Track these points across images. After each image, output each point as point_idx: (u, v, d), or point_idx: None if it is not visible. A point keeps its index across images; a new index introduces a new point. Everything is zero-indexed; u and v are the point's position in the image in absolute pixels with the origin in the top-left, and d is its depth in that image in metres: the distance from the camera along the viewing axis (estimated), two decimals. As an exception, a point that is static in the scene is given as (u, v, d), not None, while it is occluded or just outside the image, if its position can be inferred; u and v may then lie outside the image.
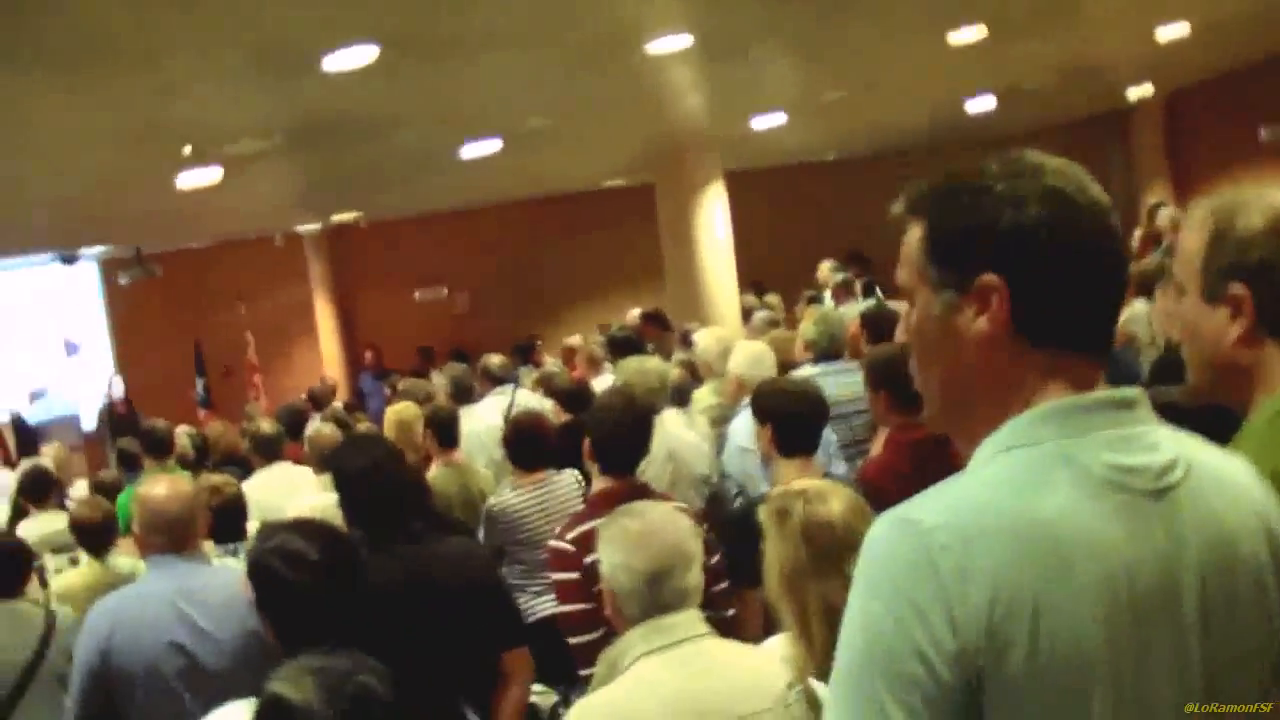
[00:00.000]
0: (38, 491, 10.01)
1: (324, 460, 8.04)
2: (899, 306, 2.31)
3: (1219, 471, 1.92)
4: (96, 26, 6.65)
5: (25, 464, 13.57)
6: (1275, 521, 1.93)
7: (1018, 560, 1.74)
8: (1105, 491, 1.81)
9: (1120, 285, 1.94)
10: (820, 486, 3.75)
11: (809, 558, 3.57)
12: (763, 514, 3.72)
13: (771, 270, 19.96)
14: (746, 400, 7.93)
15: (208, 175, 11.37)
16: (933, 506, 1.81)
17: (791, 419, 5.49)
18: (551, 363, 14.81)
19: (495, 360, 11.32)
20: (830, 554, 3.45)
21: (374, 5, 7.15)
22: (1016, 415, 1.88)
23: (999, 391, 1.91)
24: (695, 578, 3.80)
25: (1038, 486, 1.80)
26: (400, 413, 9.02)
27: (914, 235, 2.00)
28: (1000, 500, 1.79)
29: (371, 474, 4.97)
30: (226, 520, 6.60)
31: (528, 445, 7.30)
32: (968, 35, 11.67)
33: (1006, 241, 1.87)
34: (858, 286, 17.06)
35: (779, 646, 3.73)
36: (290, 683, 2.81)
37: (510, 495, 7.21)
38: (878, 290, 16.13)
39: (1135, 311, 10.03)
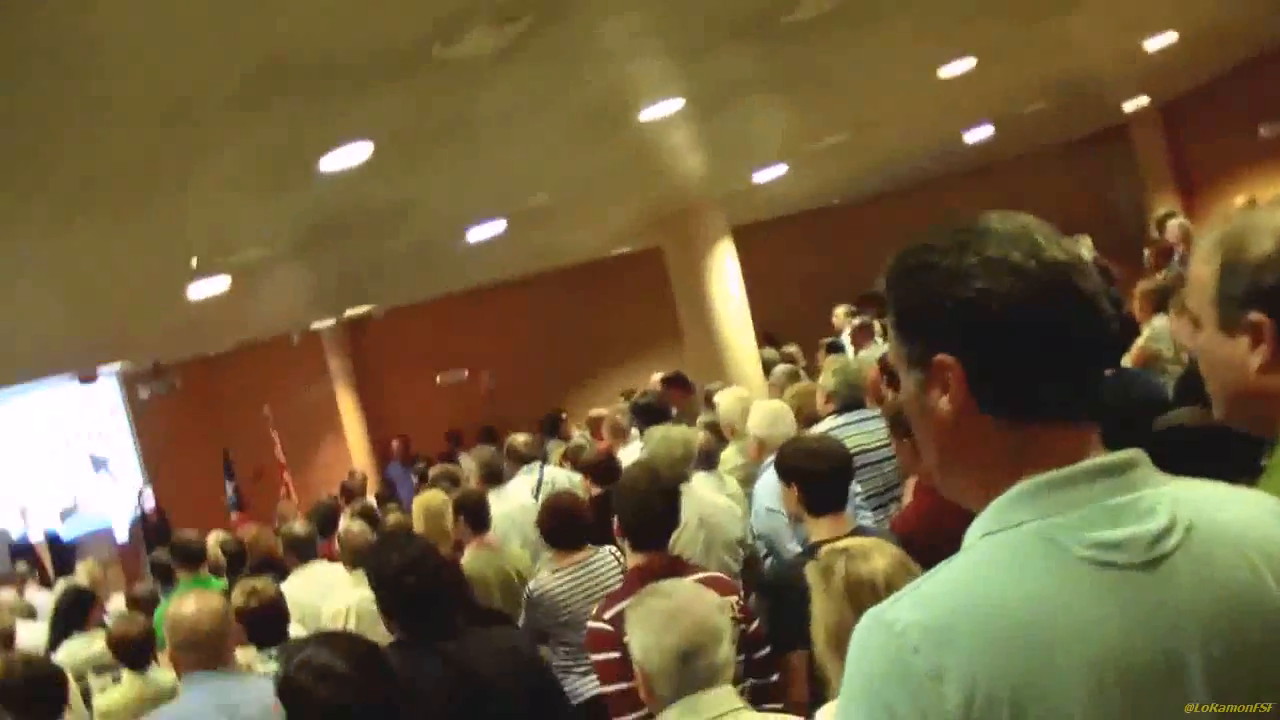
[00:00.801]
0: (77, 613, 10.00)
1: (356, 559, 8.04)
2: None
3: (1227, 523, 1.83)
4: (97, 155, 6.69)
5: (62, 584, 13.58)
6: None
7: (993, 654, 1.69)
8: (1088, 571, 1.74)
9: (1096, 344, 1.86)
10: (863, 544, 3.75)
11: (853, 615, 3.54)
12: (809, 572, 3.71)
13: (788, 320, 19.94)
14: (769, 460, 7.93)
15: (216, 285, 11.41)
16: (907, 605, 1.77)
17: (817, 478, 5.45)
18: (579, 435, 14.78)
19: (520, 439, 11.31)
20: (874, 611, 3.43)
21: (366, 104, 7.18)
22: (998, 496, 1.83)
23: (978, 471, 1.88)
24: (726, 653, 3.80)
25: (1015, 573, 1.75)
26: (428, 501, 8.99)
27: (889, 312, 1.98)
28: (976, 592, 1.75)
29: (408, 571, 4.93)
30: (267, 623, 6.57)
31: (563, 526, 7.25)
32: (958, 68, 11.69)
33: (954, 320, 1.83)
34: (877, 327, 17.03)
35: (829, 712, 3.72)
36: None
37: (549, 578, 7.17)
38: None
39: (1156, 329, 9.96)
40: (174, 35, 5.18)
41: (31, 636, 11.05)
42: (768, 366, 14.89)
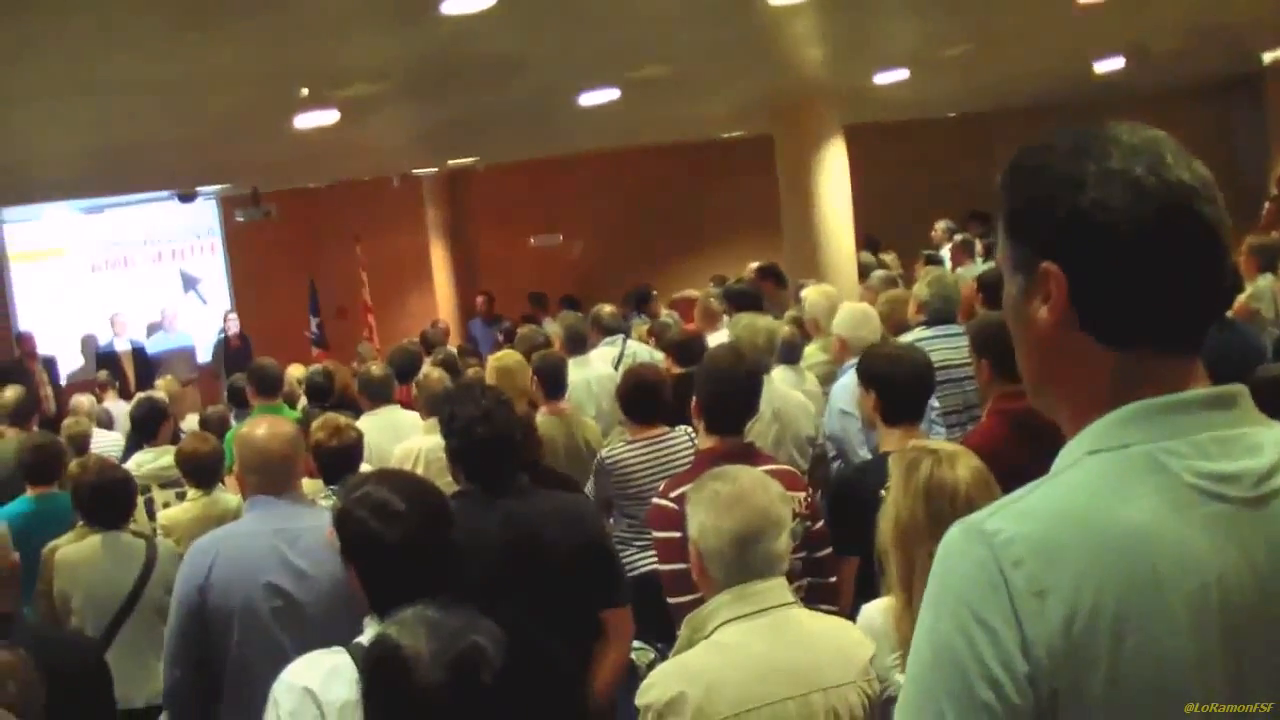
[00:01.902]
0: (149, 426, 10.11)
1: (432, 405, 8.03)
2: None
3: None
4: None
5: (139, 397, 13.75)
6: None
7: (1098, 575, 1.64)
8: (1196, 500, 1.68)
9: (1212, 274, 1.77)
10: (953, 450, 3.72)
11: (926, 516, 3.59)
12: (892, 464, 3.68)
13: (888, 227, 19.75)
14: (850, 362, 7.86)
15: (324, 118, 11.39)
16: (1010, 515, 1.70)
17: (897, 387, 5.37)
18: (666, 314, 14.76)
19: (606, 310, 11.32)
20: (946, 517, 3.36)
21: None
22: (1100, 415, 1.76)
23: (1072, 389, 1.81)
24: (783, 545, 3.77)
25: (1122, 494, 1.69)
26: (503, 359, 8.94)
27: (1001, 211, 1.90)
28: (1081, 509, 1.69)
29: (480, 422, 4.91)
30: (342, 462, 6.60)
31: (643, 399, 7.22)
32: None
33: (1063, 228, 1.76)
34: (979, 247, 16.87)
35: (879, 606, 3.71)
36: (405, 630, 2.78)
37: (623, 448, 7.16)
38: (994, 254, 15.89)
39: (1259, 288, 9.79)
40: None
41: (104, 445, 11.20)
42: (863, 270, 14.81)
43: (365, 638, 3.48)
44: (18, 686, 2.59)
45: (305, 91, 10.34)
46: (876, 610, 3.79)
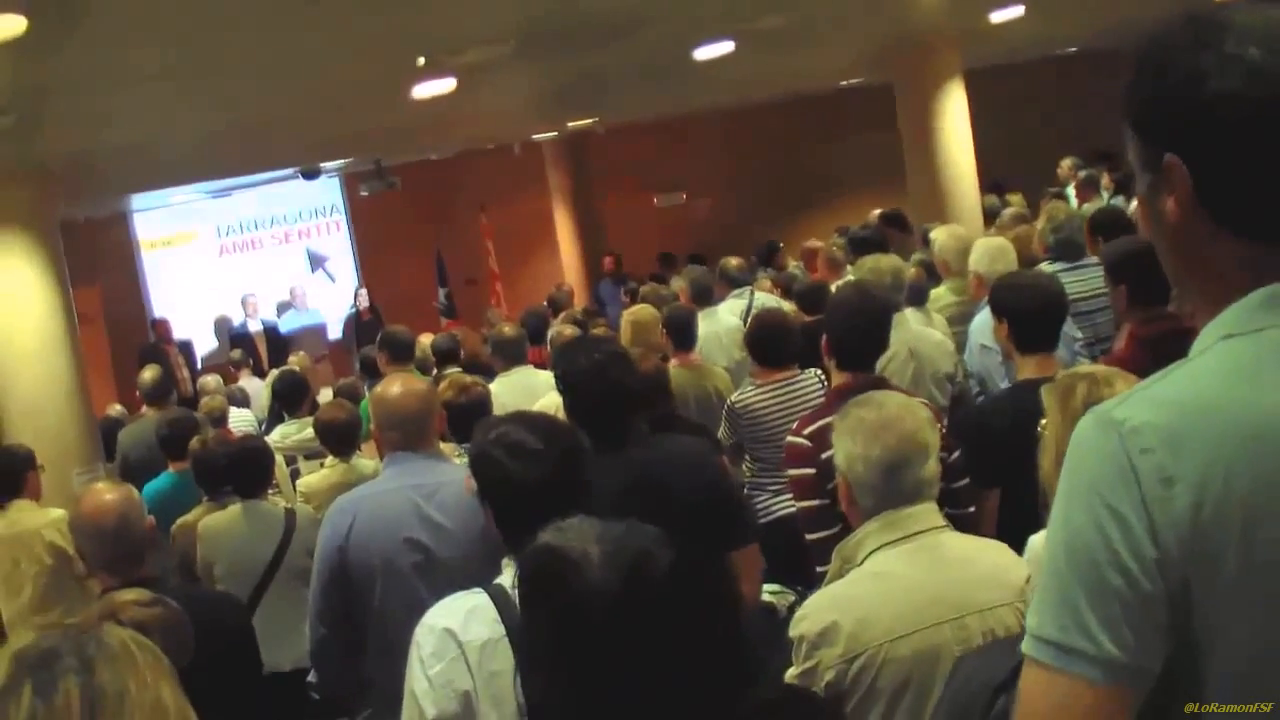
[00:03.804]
0: (293, 397, 10.28)
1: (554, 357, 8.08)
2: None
3: None
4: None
5: (275, 373, 13.96)
6: None
7: (1229, 462, 1.60)
8: None
9: None
10: (1106, 372, 3.64)
11: None
12: (1045, 394, 3.62)
13: (1013, 170, 19.51)
14: (987, 298, 7.78)
15: (442, 86, 11.44)
16: (1139, 403, 1.68)
17: (1028, 315, 5.32)
18: (793, 266, 14.71)
19: (733, 263, 11.34)
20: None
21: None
22: (1230, 304, 1.73)
23: (1207, 279, 1.78)
24: (932, 469, 3.73)
25: (1255, 379, 1.66)
26: (636, 314, 9.05)
27: (1126, 112, 1.87)
28: (1212, 395, 1.66)
29: (595, 375, 4.90)
30: (470, 419, 6.61)
31: (771, 343, 7.22)
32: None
33: (1181, 121, 1.72)
34: (1105, 181, 16.60)
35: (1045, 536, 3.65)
36: (569, 534, 2.71)
37: (752, 392, 7.16)
38: (1128, 191, 15.62)
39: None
40: None
41: (239, 421, 11.40)
42: (989, 214, 14.65)
43: (505, 578, 3.51)
44: (164, 639, 2.61)
45: (422, 60, 10.39)
46: (1043, 541, 3.70)
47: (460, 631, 3.40)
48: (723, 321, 9.99)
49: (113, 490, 4.73)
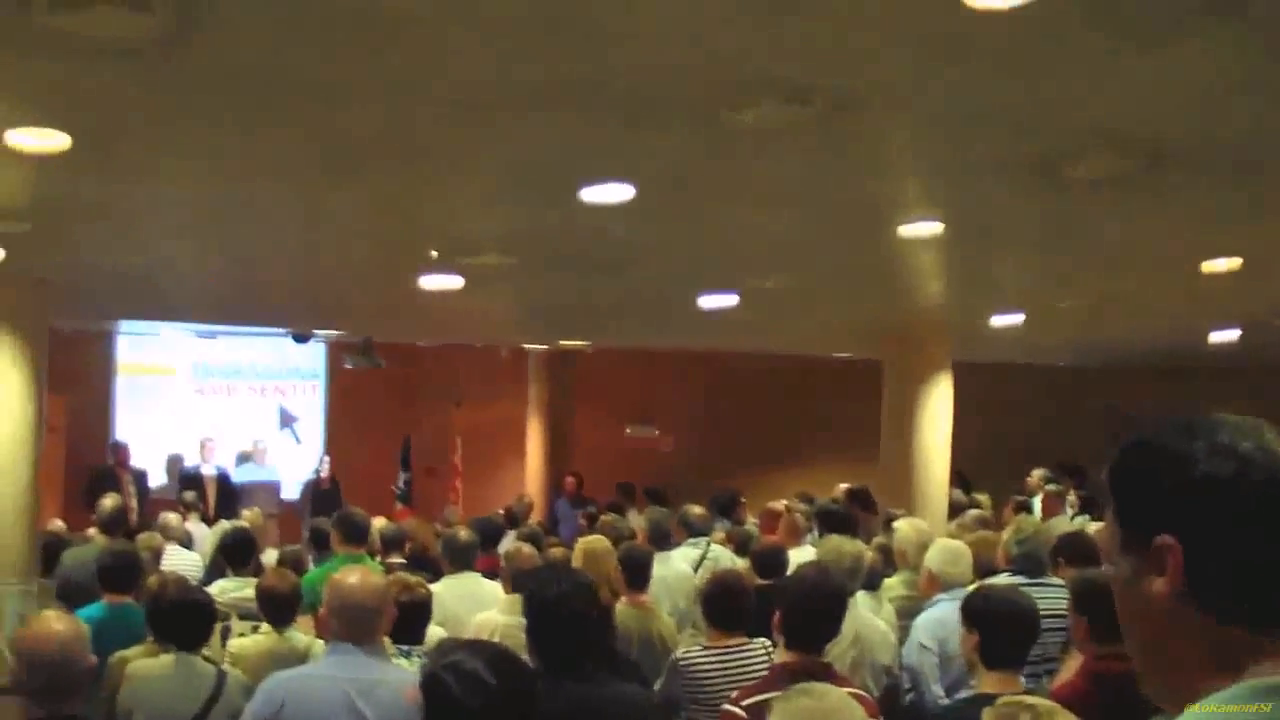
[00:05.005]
0: (239, 555, 10.22)
1: (519, 581, 8.08)
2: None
3: None
4: (382, 124, 6.85)
5: (226, 524, 13.90)
6: None
7: None
8: None
9: None
10: (1049, 706, 3.71)
11: None
12: (985, 716, 3.66)
13: (983, 466, 19.64)
14: (936, 597, 7.87)
15: (449, 282, 11.60)
16: None
17: (1003, 630, 5.36)
18: (751, 522, 14.74)
19: (695, 510, 11.41)
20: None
21: (641, 143, 7.25)
22: (1204, 684, 1.78)
23: (1183, 668, 1.83)
24: (861, 769, 3.76)
25: None
26: (591, 544, 9.02)
27: (1110, 495, 1.96)
28: None
29: (566, 602, 4.96)
30: (410, 621, 6.61)
31: (728, 606, 7.21)
32: (1221, 264, 11.41)
33: (1175, 501, 1.82)
34: (1071, 498, 16.76)
35: None
36: None
37: (701, 653, 7.14)
38: (1093, 510, 15.76)
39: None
40: (482, 23, 5.29)
41: (182, 564, 11.32)
42: (954, 508, 14.74)
43: None
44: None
45: (435, 253, 10.56)
46: None
47: None
48: (674, 567, 10.01)
49: (61, 621, 4.71)
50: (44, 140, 6.73)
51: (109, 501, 11.24)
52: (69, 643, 4.60)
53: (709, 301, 13.28)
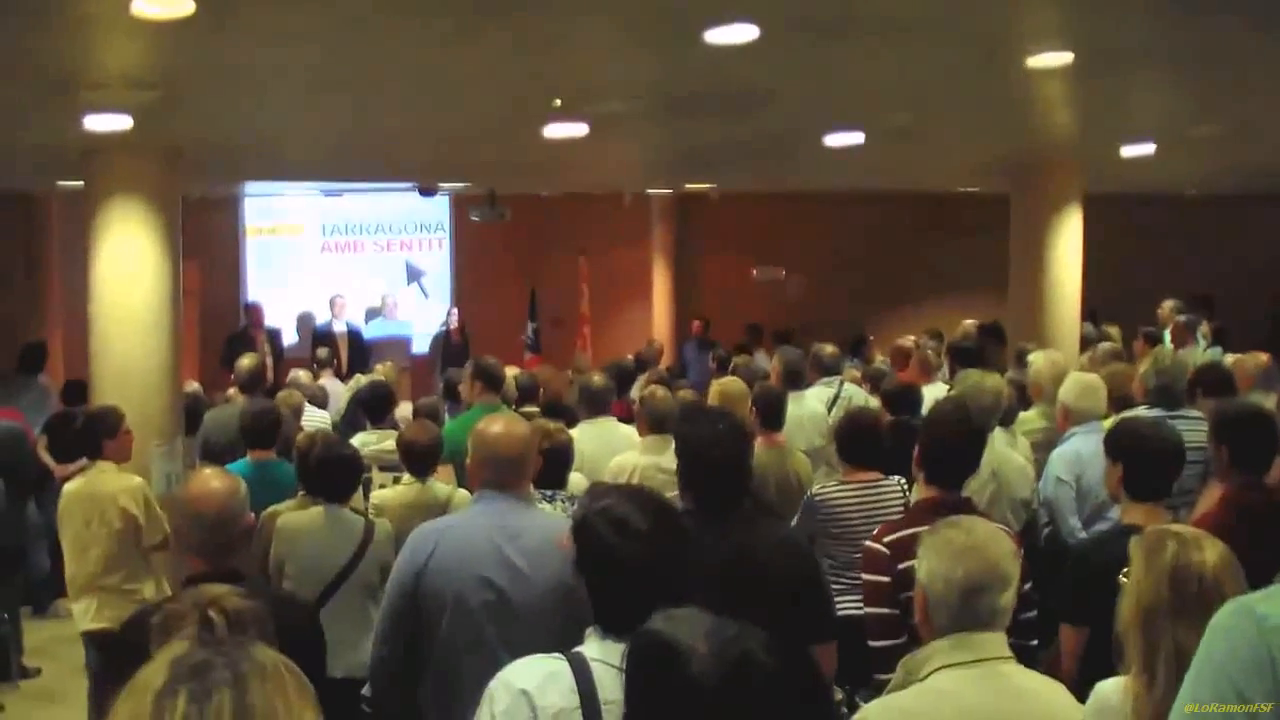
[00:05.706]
0: (379, 407, 10.38)
1: (655, 423, 8.14)
2: (1243, 358, 2.21)
3: None
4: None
5: (362, 379, 14.10)
6: None
7: None
8: None
9: None
10: (1196, 533, 3.70)
11: (1171, 599, 3.52)
12: (1133, 546, 3.67)
13: (1111, 300, 19.39)
14: (1071, 430, 7.83)
15: (574, 129, 11.57)
16: None
17: (1148, 462, 5.35)
18: (880, 361, 14.72)
19: (828, 350, 11.40)
20: (1194, 601, 3.38)
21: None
22: None
23: None
24: (1009, 599, 3.78)
25: None
26: (726, 385, 9.06)
27: None
28: None
29: (718, 444, 4.99)
30: (552, 467, 6.72)
31: (862, 443, 7.28)
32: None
33: None
34: (1204, 328, 16.54)
35: (1115, 685, 3.66)
36: (679, 625, 2.80)
37: (836, 489, 7.21)
38: (1225, 341, 15.57)
39: None
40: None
41: (315, 421, 11.52)
42: (1084, 341, 14.61)
43: (587, 648, 3.56)
44: (259, 633, 2.70)
45: (559, 102, 10.52)
46: (1113, 689, 3.69)
47: (536, 695, 3.44)
48: (809, 407, 10.04)
49: (220, 479, 4.82)
50: (169, 7, 6.75)
51: (247, 361, 11.42)
52: (228, 500, 4.72)
53: (835, 140, 13.14)
